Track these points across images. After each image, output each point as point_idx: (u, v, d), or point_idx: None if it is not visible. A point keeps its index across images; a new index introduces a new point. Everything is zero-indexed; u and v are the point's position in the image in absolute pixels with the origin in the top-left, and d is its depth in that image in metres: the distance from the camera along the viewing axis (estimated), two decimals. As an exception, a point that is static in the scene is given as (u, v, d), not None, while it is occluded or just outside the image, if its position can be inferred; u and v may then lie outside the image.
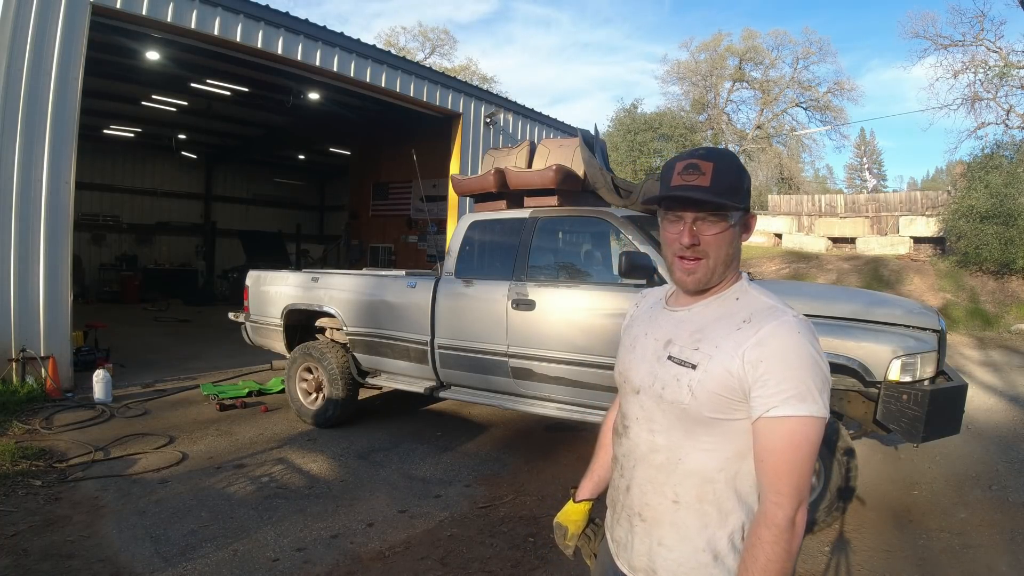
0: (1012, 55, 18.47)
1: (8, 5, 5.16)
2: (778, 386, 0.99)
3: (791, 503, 0.98)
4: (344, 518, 3.32)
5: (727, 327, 1.07)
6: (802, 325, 1.04)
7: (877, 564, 2.94)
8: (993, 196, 11.79)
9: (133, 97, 11.38)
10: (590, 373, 3.80)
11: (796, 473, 0.98)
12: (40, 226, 5.47)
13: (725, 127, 29.39)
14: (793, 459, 0.98)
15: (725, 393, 1.04)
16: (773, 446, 1.00)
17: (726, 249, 1.10)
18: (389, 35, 31.42)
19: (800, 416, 0.98)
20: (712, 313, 1.12)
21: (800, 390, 0.98)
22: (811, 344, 1.02)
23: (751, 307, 1.09)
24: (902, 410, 3.04)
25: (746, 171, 1.14)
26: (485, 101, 10.66)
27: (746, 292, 1.13)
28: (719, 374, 1.04)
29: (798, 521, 0.98)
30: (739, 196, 1.09)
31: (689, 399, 1.07)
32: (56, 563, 2.74)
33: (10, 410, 4.85)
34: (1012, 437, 5.04)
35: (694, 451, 1.08)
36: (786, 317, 1.05)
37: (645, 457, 1.15)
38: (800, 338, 1.02)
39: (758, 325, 1.04)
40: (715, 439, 1.07)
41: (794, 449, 0.98)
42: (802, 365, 1.00)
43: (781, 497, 0.98)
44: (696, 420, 1.07)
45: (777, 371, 1.00)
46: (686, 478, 1.09)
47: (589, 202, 4.31)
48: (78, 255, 12.43)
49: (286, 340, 5.30)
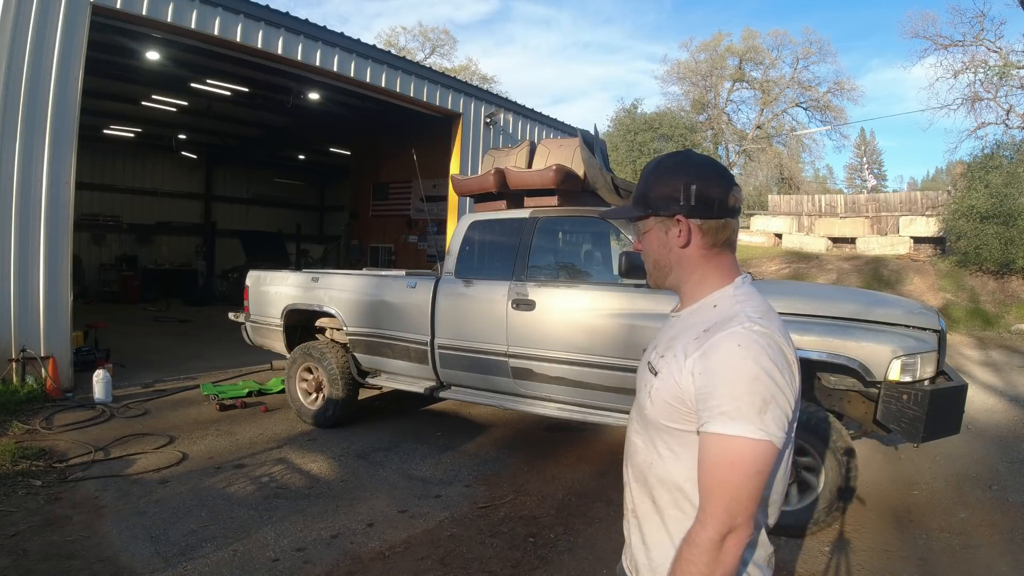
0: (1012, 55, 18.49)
1: (8, 5, 5.16)
2: (712, 400, 0.95)
3: (716, 524, 0.92)
4: (344, 518, 3.32)
5: (692, 336, 1.04)
6: (748, 338, 0.96)
7: (877, 564, 2.94)
8: (993, 196, 11.79)
9: (133, 97, 11.37)
10: (590, 373, 3.79)
11: (725, 495, 0.93)
12: (40, 226, 5.47)
13: (725, 127, 29.40)
14: (723, 479, 0.93)
15: (675, 403, 1.02)
16: (704, 463, 0.96)
17: (656, 251, 1.14)
18: (389, 35, 31.49)
19: (729, 435, 0.92)
20: (689, 321, 1.10)
21: (732, 407, 0.93)
22: (753, 360, 0.95)
23: (719, 315, 1.04)
24: (902, 410, 3.04)
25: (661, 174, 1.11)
26: (485, 101, 10.66)
27: (726, 299, 1.09)
28: (670, 383, 1.03)
29: (727, 547, 0.92)
30: (642, 203, 1.13)
31: (649, 406, 1.07)
32: (56, 563, 2.74)
33: (10, 410, 4.85)
34: (1012, 437, 5.04)
35: (660, 458, 1.08)
36: (734, 328, 0.98)
37: (631, 457, 1.17)
38: (740, 352, 0.95)
39: (711, 335, 1.00)
40: (678, 449, 1.05)
41: (723, 468, 0.93)
42: (739, 381, 0.94)
43: (705, 516, 0.94)
44: (655, 427, 1.07)
45: (713, 385, 0.96)
46: (658, 483, 1.08)
47: (589, 202, 4.31)
48: (78, 255, 12.42)
49: (286, 340, 5.30)
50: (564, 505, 3.53)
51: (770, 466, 0.94)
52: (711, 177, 1.09)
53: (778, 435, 0.93)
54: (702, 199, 1.07)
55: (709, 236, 1.09)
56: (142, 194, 16.12)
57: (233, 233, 16.27)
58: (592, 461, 4.32)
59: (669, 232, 1.11)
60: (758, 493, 0.94)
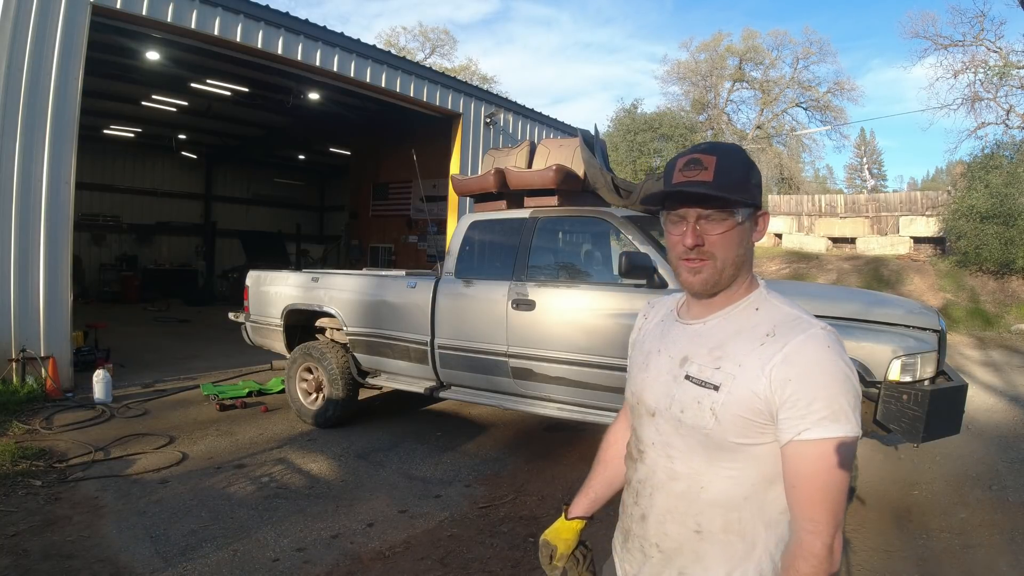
0: (1012, 55, 18.50)
1: (8, 5, 5.16)
2: (809, 407, 0.91)
3: (828, 530, 0.90)
4: (344, 518, 3.32)
5: (749, 342, 0.98)
6: (831, 338, 0.96)
7: (877, 564, 2.94)
8: (993, 196, 11.80)
9: (133, 97, 11.37)
10: (590, 373, 3.79)
11: (832, 498, 0.91)
12: (40, 226, 5.47)
13: (725, 127, 29.39)
14: (828, 483, 0.91)
15: (751, 416, 0.96)
16: (806, 471, 0.92)
17: (734, 249, 1.01)
18: (389, 35, 31.46)
19: (833, 438, 0.90)
20: (731, 326, 1.03)
21: (833, 409, 0.91)
22: (842, 358, 0.94)
23: (774, 318, 1.00)
24: (902, 410, 3.04)
25: (755, 165, 1.04)
26: (485, 101, 10.66)
27: (766, 301, 1.04)
28: (744, 396, 0.96)
29: (836, 548, 0.91)
30: (746, 191, 1.00)
31: (712, 423, 0.98)
32: (56, 563, 2.74)
33: (10, 410, 4.85)
34: (1012, 437, 5.03)
35: (717, 479, 1.00)
36: (814, 330, 0.96)
37: (664, 485, 1.07)
38: (830, 353, 0.94)
39: (784, 340, 0.96)
40: (740, 465, 0.99)
41: (828, 473, 0.91)
42: (834, 382, 0.92)
43: (817, 525, 0.91)
44: (719, 446, 0.99)
45: (807, 390, 0.92)
46: (709, 507, 1.01)
47: (589, 202, 4.31)
48: (78, 255, 12.43)
49: (286, 340, 5.30)
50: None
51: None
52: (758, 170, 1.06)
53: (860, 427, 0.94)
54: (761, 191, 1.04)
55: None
56: (142, 194, 16.12)
57: (233, 233, 16.29)
58: (592, 461, 4.31)
59: (757, 226, 1.05)
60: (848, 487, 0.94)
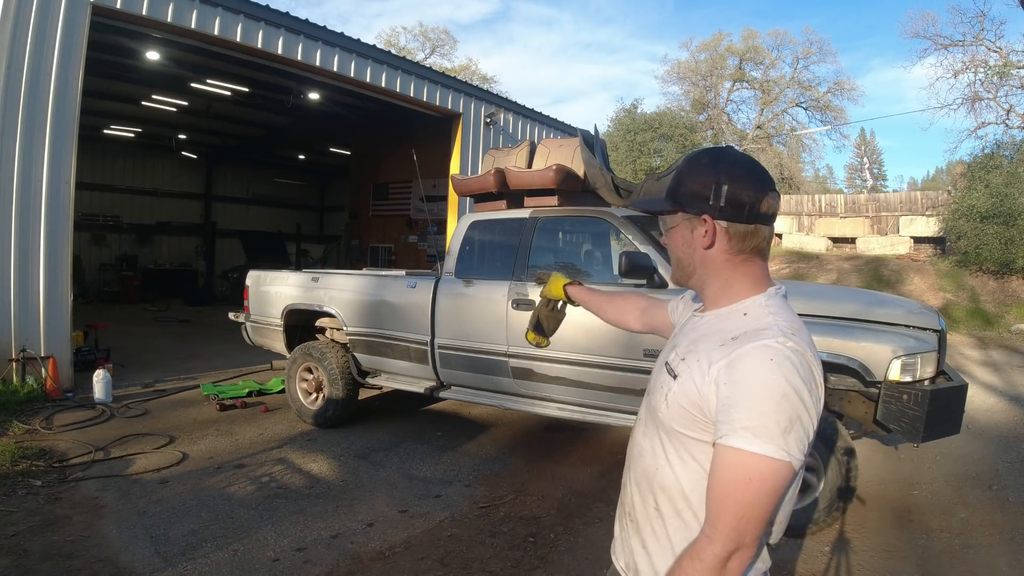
0: (1012, 55, 18.48)
1: (8, 5, 5.16)
2: (735, 414, 0.91)
3: (723, 543, 0.89)
4: (344, 518, 3.32)
5: (715, 342, 1.00)
6: (781, 353, 0.92)
7: (877, 564, 2.94)
8: (993, 196, 11.79)
9: (133, 97, 11.38)
10: (590, 373, 3.79)
11: (737, 513, 0.89)
12: (40, 226, 5.47)
13: (725, 127, 29.37)
14: (736, 496, 0.89)
15: (692, 409, 0.99)
16: (718, 476, 0.92)
17: (680, 249, 1.10)
18: (389, 35, 31.46)
19: (751, 452, 0.88)
20: (715, 325, 1.06)
21: (757, 424, 0.88)
22: (784, 377, 0.90)
23: (749, 325, 1.00)
24: (902, 410, 3.04)
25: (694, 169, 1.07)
26: (485, 101, 10.66)
27: (758, 307, 1.04)
28: (690, 389, 0.99)
29: (731, 567, 0.89)
30: (671, 197, 1.08)
31: (664, 409, 1.04)
32: (56, 563, 2.74)
33: (10, 410, 4.85)
34: (1012, 437, 5.03)
35: (668, 464, 1.04)
36: (766, 341, 0.94)
37: (636, 459, 1.14)
38: (771, 367, 0.91)
39: (738, 346, 0.96)
40: (688, 456, 1.02)
41: (738, 485, 0.89)
42: (764, 397, 0.90)
43: (715, 532, 0.90)
44: (668, 431, 1.04)
45: (738, 397, 0.91)
46: (661, 490, 1.05)
47: (589, 202, 4.31)
48: (78, 255, 12.43)
49: (286, 340, 5.30)
50: (564, 505, 3.53)
51: (786, 487, 0.91)
52: (745, 179, 1.03)
53: (798, 457, 0.89)
54: (732, 201, 1.02)
55: (735, 241, 1.04)
56: (142, 194, 16.12)
57: (233, 233, 16.29)
58: (592, 461, 4.32)
59: (695, 231, 1.07)
60: (770, 514, 0.91)
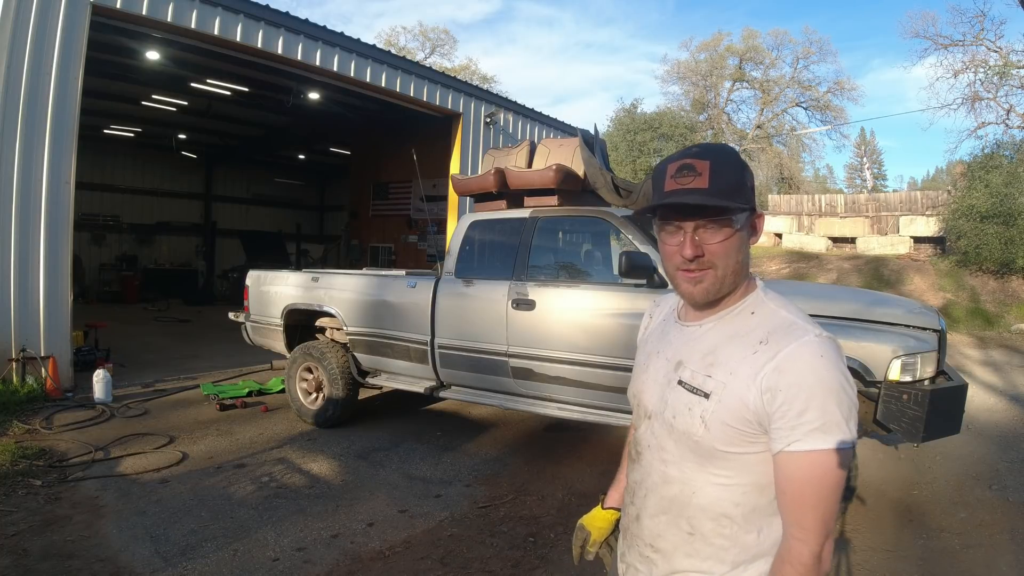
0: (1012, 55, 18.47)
1: (8, 5, 5.16)
2: (799, 418, 0.89)
3: (817, 538, 0.90)
4: (344, 518, 3.32)
5: (742, 349, 0.97)
6: (825, 346, 0.93)
7: (877, 564, 2.94)
8: (993, 196, 11.79)
9: (133, 97, 11.38)
10: (591, 373, 3.79)
11: (822, 507, 0.90)
12: (40, 226, 5.47)
13: (725, 127, 29.38)
14: (818, 493, 0.90)
15: (741, 426, 0.95)
16: (796, 481, 0.91)
17: (734, 256, 0.98)
18: (389, 35, 31.45)
19: (823, 450, 0.89)
20: (725, 331, 1.01)
21: (824, 421, 0.89)
22: (836, 367, 0.91)
23: (768, 324, 0.97)
24: (902, 410, 3.04)
25: (747, 166, 1.01)
26: (485, 101, 10.66)
27: (762, 305, 1.02)
28: (734, 406, 0.94)
29: (824, 557, 0.91)
30: (743, 195, 0.97)
31: (702, 431, 0.97)
32: (56, 563, 2.74)
33: (10, 410, 4.85)
34: (1012, 437, 5.03)
35: (708, 485, 0.99)
36: (807, 337, 0.93)
37: (657, 487, 1.06)
38: (823, 362, 0.91)
39: (776, 348, 0.93)
40: (731, 472, 0.98)
41: (819, 483, 0.90)
42: (826, 393, 0.89)
43: (806, 532, 0.90)
44: (709, 453, 0.98)
45: (798, 401, 0.89)
46: (700, 512, 1.00)
47: (589, 202, 4.31)
48: (78, 255, 12.42)
49: (286, 340, 5.30)
50: (564, 505, 3.53)
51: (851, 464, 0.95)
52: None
53: (856, 437, 0.91)
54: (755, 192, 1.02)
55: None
56: (142, 194, 16.13)
57: (233, 233, 16.30)
58: (592, 461, 4.32)
59: (757, 230, 1.02)
60: (841, 494, 0.93)
